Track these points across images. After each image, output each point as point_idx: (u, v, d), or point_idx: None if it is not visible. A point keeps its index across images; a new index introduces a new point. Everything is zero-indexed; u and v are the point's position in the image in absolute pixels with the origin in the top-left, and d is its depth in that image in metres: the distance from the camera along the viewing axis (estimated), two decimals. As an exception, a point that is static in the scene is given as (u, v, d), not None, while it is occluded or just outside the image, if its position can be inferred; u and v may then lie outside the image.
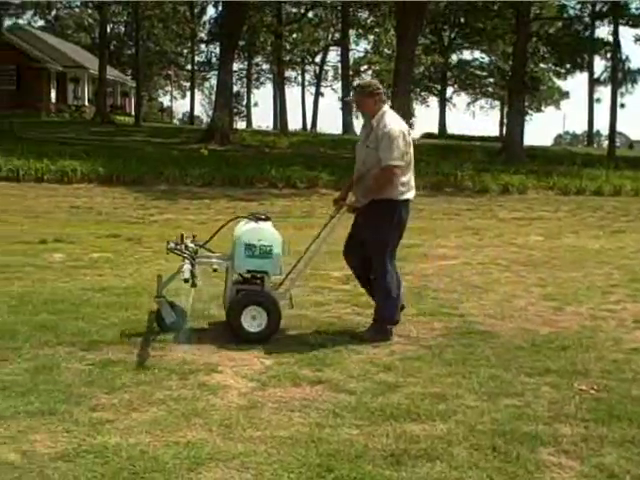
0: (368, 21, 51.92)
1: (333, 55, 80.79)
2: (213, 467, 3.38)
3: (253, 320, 5.30)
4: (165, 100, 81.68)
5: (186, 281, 5.09)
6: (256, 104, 76.72)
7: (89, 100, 52.50)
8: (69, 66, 50.33)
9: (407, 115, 30.12)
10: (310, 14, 53.10)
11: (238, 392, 4.34)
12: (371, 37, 56.58)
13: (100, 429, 3.72)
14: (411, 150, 5.68)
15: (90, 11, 58.13)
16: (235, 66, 46.21)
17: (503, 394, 4.41)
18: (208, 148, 25.04)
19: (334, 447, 3.61)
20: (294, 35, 56.52)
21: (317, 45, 61.35)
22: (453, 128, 61.80)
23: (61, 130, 32.49)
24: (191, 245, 5.60)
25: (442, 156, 27.20)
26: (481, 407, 4.19)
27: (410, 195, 5.72)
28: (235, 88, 53.29)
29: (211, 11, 66.42)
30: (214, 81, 55.48)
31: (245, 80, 66.48)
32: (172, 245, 5.51)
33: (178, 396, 4.21)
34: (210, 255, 5.68)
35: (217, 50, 44.58)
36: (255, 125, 61.93)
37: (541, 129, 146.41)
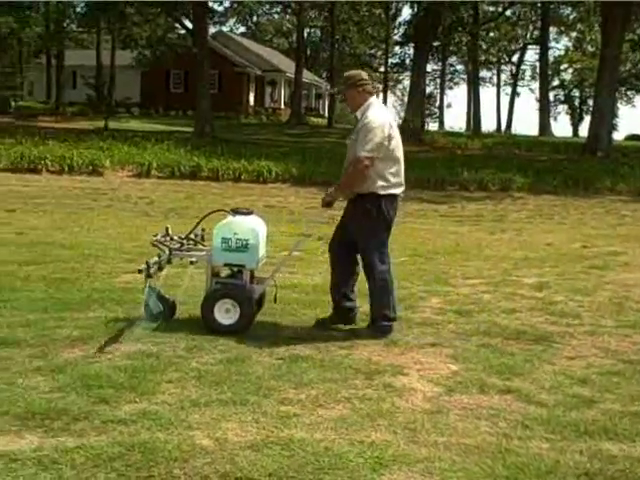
0: (570, 17, 49.83)
1: (531, 54, 78.49)
2: (396, 470, 3.35)
3: (227, 313, 5.30)
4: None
5: (140, 272, 5.31)
6: (449, 105, 76.30)
7: (285, 102, 54.47)
8: (267, 70, 52.56)
9: (611, 115, 28.58)
10: (508, 12, 51.79)
11: (424, 396, 4.28)
12: (573, 34, 54.33)
13: (287, 422, 3.80)
14: (395, 144, 5.45)
15: (289, 17, 60.28)
16: (429, 67, 46.12)
17: None
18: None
19: (522, 460, 3.46)
20: (490, 34, 55.45)
21: (514, 44, 59.84)
22: (662, 129, 57.86)
23: (258, 132, 33.95)
24: (176, 238, 5.66)
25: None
26: (688, 431, 3.85)
27: (396, 191, 5.48)
28: (428, 89, 53.13)
29: (406, 12, 66.46)
30: (407, 82, 55.55)
31: (438, 81, 66.12)
32: (159, 237, 5.60)
33: (363, 396, 4.22)
34: (201, 248, 5.70)
35: (411, 51, 44.68)
36: (447, 126, 61.39)
37: None
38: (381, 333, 5.43)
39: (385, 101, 61.08)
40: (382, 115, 5.45)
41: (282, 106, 54.02)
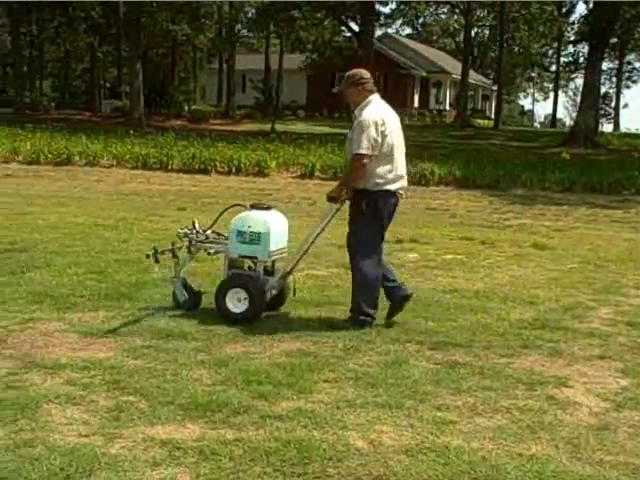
0: None
1: None
2: (558, 486, 3.20)
3: (238, 302, 5.49)
4: (526, 102, 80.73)
5: (147, 257, 5.87)
6: (626, 105, 72.26)
7: (450, 104, 53.87)
8: (432, 71, 52.18)
9: None
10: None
11: (589, 410, 4.07)
12: None
13: (443, 429, 3.73)
14: (390, 140, 5.43)
15: (456, 17, 59.55)
16: (604, 65, 44.04)
17: None
18: (570, 152, 24.13)
19: (699, 487, 3.20)
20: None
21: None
22: None
23: (421, 133, 33.72)
24: (200, 231, 5.92)
25: None
26: None
27: (391, 187, 5.47)
28: (603, 89, 50.77)
29: (580, 8, 63.76)
30: (580, 82, 53.35)
31: (614, 80, 63.04)
32: (186, 230, 5.92)
33: (524, 406, 4.06)
34: (220, 240, 5.89)
35: (585, 49, 42.82)
36: (623, 127, 58.31)
37: None
38: (358, 325, 5.42)
39: (555, 101, 58.98)
40: (376, 112, 5.46)
41: (447, 107, 53.44)
